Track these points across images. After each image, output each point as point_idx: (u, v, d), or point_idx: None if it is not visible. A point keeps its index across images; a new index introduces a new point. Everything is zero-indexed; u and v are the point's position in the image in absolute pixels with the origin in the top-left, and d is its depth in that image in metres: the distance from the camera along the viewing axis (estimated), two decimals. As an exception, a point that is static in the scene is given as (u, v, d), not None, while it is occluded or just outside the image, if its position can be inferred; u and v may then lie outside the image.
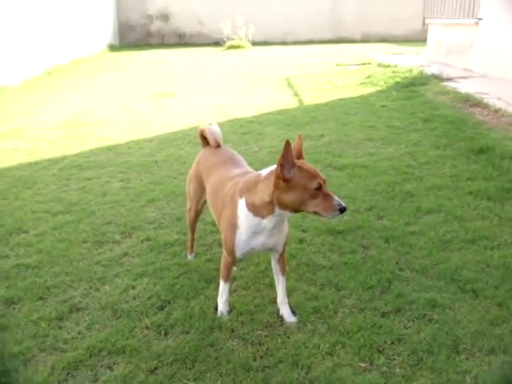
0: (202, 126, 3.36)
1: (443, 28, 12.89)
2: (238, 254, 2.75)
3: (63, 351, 2.63)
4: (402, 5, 20.46)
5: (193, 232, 3.52)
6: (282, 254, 2.86)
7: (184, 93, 9.93)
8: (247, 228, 2.66)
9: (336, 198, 2.48)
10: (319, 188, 2.46)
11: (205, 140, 3.37)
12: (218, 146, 3.28)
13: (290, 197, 2.50)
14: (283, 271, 2.90)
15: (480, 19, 10.78)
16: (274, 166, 2.58)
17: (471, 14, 11.22)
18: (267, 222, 2.63)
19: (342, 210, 2.47)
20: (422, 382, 2.36)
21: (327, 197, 2.47)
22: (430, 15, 13.59)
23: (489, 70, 10.40)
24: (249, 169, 3.08)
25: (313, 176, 2.48)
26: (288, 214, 2.61)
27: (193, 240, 3.55)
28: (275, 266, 2.90)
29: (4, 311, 2.99)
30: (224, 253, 2.85)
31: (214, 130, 3.29)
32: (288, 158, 2.45)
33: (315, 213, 2.52)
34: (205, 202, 3.34)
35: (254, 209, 2.62)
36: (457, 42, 12.08)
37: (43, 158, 5.96)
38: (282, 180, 2.48)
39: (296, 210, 2.57)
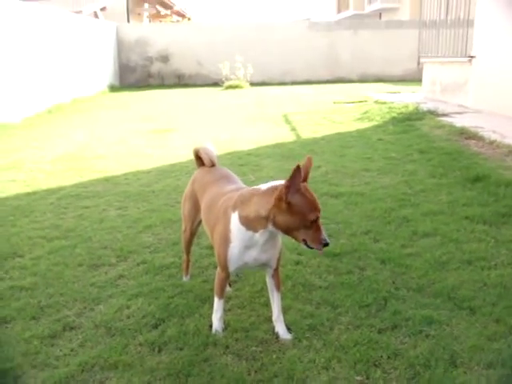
0: (196, 146, 3.40)
1: (438, 66, 13.14)
2: (231, 268, 2.74)
3: (55, 367, 2.59)
4: (398, 45, 20.91)
5: (188, 253, 3.51)
6: (276, 270, 2.85)
7: (183, 129, 10.04)
8: (240, 242, 2.65)
9: (324, 233, 2.52)
10: (315, 220, 2.47)
11: (199, 160, 3.39)
12: (213, 165, 3.31)
13: (286, 219, 2.49)
14: (278, 287, 2.88)
15: (473, 57, 11.00)
16: (275, 182, 2.58)
17: (464, 52, 11.47)
18: (260, 236, 2.62)
19: (326, 245, 2.51)
20: (419, 395, 2.32)
21: (318, 230, 2.49)
22: (424, 54, 13.86)
23: (483, 106, 10.55)
24: (243, 185, 3.10)
25: (313, 208, 2.48)
26: (280, 233, 2.61)
27: (188, 261, 3.54)
28: (270, 282, 2.89)
29: (-4, 330, 2.96)
30: (218, 269, 2.84)
31: (209, 150, 3.33)
32: (295, 183, 2.44)
33: (303, 240, 2.52)
34: (200, 222, 3.35)
35: (247, 222, 2.61)
36: (451, 80, 12.29)
37: (41, 188, 5.99)
38: (284, 202, 2.47)
39: (288, 233, 2.57)
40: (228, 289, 3.36)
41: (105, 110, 13.57)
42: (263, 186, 2.66)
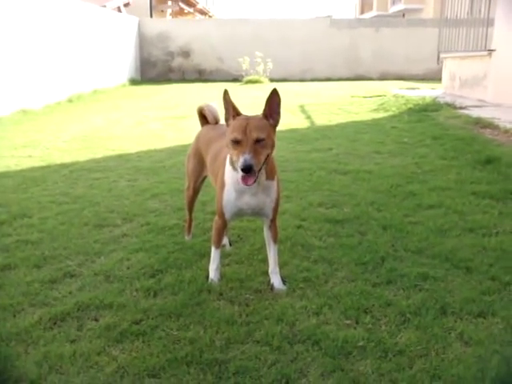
0: (200, 104, 3.46)
1: (457, 62, 13.04)
2: (227, 215, 2.78)
3: (52, 306, 2.67)
4: (420, 44, 20.75)
5: (190, 212, 3.56)
6: (273, 221, 2.88)
7: (199, 116, 10.09)
8: (231, 184, 2.70)
9: (247, 156, 2.42)
10: (236, 142, 2.50)
11: (203, 119, 3.46)
12: (216, 122, 3.37)
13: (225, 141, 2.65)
14: (275, 239, 2.91)
15: (493, 50, 10.90)
16: None
17: (484, 46, 11.36)
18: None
19: (244, 168, 2.40)
20: (407, 337, 2.33)
21: (239, 153, 2.47)
22: (444, 50, 13.76)
23: (503, 100, 10.43)
24: None
25: (235, 130, 2.53)
26: None
27: (190, 221, 3.58)
28: (266, 234, 2.92)
29: (-1, 274, 3.05)
30: (215, 217, 2.89)
31: (212, 107, 3.39)
32: (226, 107, 2.67)
33: None
34: (203, 179, 3.40)
35: (232, 162, 2.66)
36: (471, 74, 12.18)
37: (55, 163, 6.10)
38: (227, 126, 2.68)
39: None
40: (228, 247, 3.41)
41: (124, 99, 13.71)
42: None
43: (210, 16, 34.39)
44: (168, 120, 9.59)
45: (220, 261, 2.96)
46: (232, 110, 2.63)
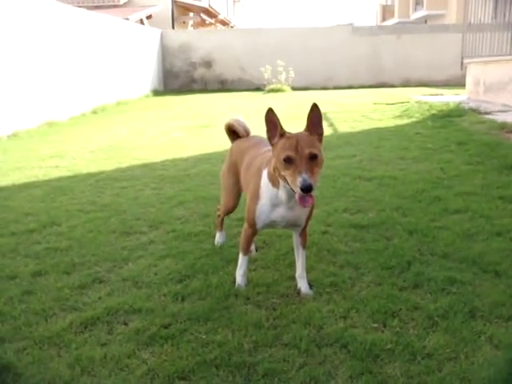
0: (228, 121, 3.48)
1: (481, 66, 12.92)
2: (259, 225, 2.79)
3: (82, 311, 2.72)
4: (443, 50, 20.63)
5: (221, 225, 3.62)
6: (304, 228, 2.89)
7: (221, 124, 10.14)
8: (267, 199, 2.70)
9: (305, 176, 2.33)
10: (289, 160, 2.42)
11: (232, 135, 3.47)
12: (248, 134, 3.40)
13: (272, 162, 2.59)
14: (304, 244, 2.92)
15: (518, 54, 10.80)
16: None
17: (509, 50, 11.25)
18: (281, 193, 2.63)
19: (304, 188, 2.31)
20: (435, 341, 2.32)
21: (294, 172, 2.38)
22: (468, 55, 13.66)
23: (528, 105, 10.32)
24: None
25: (286, 148, 2.44)
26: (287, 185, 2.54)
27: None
28: (296, 239, 2.92)
29: (31, 280, 3.11)
30: (245, 225, 2.90)
31: (241, 121, 3.43)
32: (269, 125, 2.61)
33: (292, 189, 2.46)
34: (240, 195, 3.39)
35: (272, 178, 2.67)
36: (495, 79, 12.07)
37: (81, 172, 6.20)
38: (271, 145, 2.62)
39: (280, 178, 2.54)
40: (254, 253, 3.43)
41: (148, 110, 13.87)
42: None
43: (231, 27, 34.64)
44: (191, 129, 9.68)
45: (247, 266, 2.98)
46: (279, 129, 2.57)
